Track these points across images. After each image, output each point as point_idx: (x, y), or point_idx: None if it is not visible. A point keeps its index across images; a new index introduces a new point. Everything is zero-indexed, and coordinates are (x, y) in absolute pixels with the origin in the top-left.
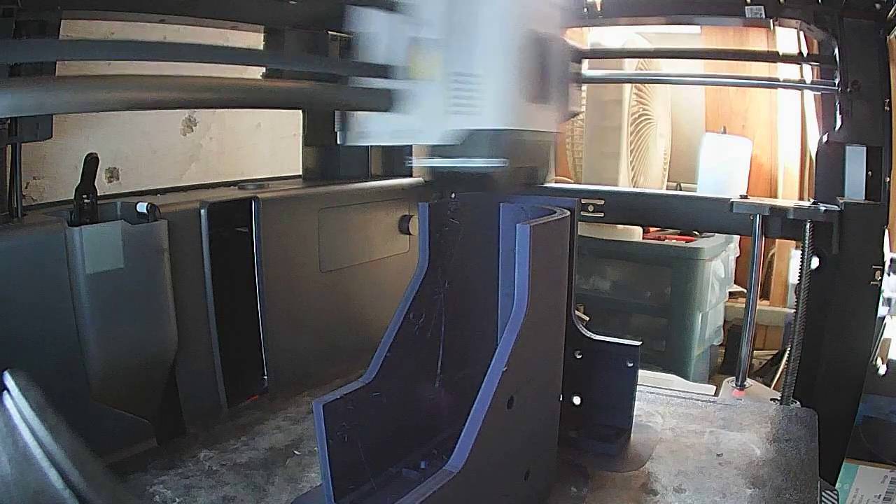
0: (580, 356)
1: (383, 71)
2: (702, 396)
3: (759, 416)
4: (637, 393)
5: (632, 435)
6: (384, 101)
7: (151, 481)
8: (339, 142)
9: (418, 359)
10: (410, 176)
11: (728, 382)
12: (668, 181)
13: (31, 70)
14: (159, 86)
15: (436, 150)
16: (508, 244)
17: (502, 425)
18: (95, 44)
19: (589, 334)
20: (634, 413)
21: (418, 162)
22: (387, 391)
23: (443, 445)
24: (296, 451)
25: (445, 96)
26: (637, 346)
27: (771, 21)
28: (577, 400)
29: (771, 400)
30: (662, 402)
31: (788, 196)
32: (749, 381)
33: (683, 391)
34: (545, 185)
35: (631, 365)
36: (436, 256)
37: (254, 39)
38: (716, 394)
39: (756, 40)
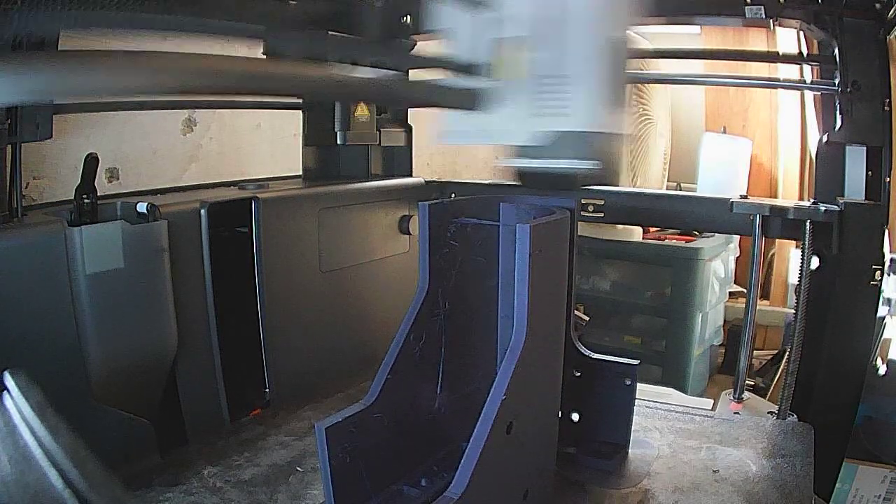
0: (579, 374)
1: (468, 69)
2: (699, 411)
3: (755, 431)
4: (635, 407)
5: (629, 451)
6: (468, 100)
7: (157, 498)
8: (338, 142)
9: (419, 379)
10: (410, 176)
11: (726, 395)
12: (668, 181)
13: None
14: (227, 72)
15: (523, 151)
16: (508, 266)
17: (502, 450)
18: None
19: (588, 353)
20: (632, 428)
21: (505, 162)
22: (388, 412)
23: (443, 462)
24: (298, 468)
25: (534, 97)
26: (635, 365)
27: (771, 21)
28: (575, 416)
29: (768, 413)
30: (660, 417)
31: (788, 196)
32: (747, 394)
33: (681, 405)
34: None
35: (629, 383)
36: (436, 278)
37: (254, 40)
38: (713, 407)
39: (756, 40)
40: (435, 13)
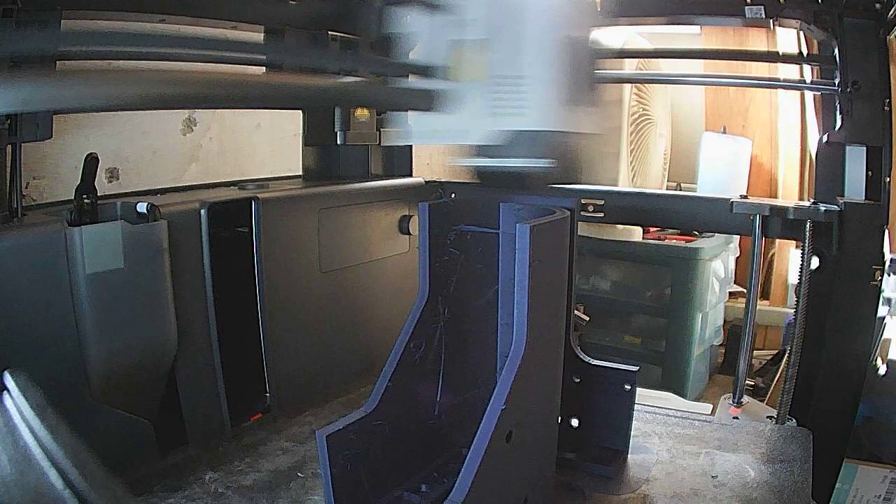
0: (578, 380)
1: (424, 71)
2: (698, 416)
3: (754, 436)
4: (634, 412)
5: (629, 456)
6: (425, 101)
7: (158, 503)
8: (338, 142)
9: (419, 386)
10: (410, 176)
11: (725, 399)
12: (668, 181)
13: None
14: (187, 81)
15: (480, 151)
16: (507, 273)
17: (501, 459)
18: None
19: (587, 359)
20: (632, 434)
21: (462, 161)
22: (388, 419)
23: (443, 468)
24: (299, 474)
25: (490, 97)
26: (635, 371)
27: (771, 21)
28: (574, 422)
29: (767, 418)
30: (660, 422)
31: (788, 196)
32: (746, 398)
33: (680, 410)
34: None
35: (629, 388)
36: (436, 285)
37: (254, 39)
38: (713, 412)
39: (756, 40)
40: (396, 17)
